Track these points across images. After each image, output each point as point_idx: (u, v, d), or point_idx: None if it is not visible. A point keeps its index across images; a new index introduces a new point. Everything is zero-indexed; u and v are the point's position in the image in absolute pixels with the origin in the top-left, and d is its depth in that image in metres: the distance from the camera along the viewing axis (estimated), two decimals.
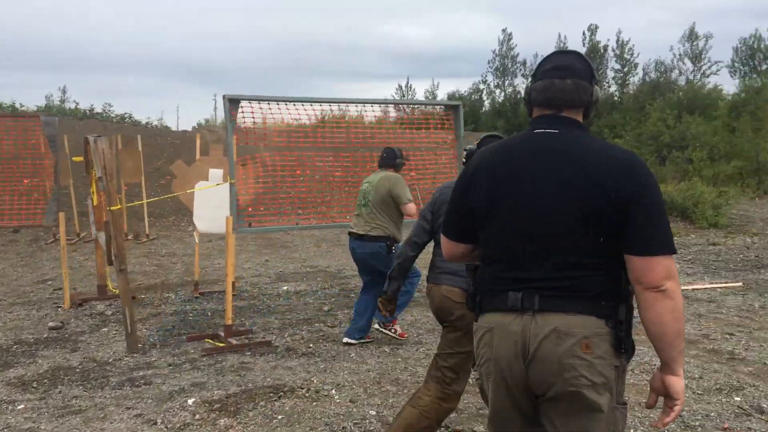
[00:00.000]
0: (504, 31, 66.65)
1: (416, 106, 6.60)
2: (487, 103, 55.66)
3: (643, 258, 1.77)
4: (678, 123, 36.80)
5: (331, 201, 11.92)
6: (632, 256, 1.79)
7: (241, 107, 5.77)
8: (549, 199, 1.85)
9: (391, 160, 5.66)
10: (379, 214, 5.39)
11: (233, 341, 5.55)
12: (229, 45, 74.22)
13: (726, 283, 7.72)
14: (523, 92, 2.14)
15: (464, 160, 3.62)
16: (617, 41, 52.91)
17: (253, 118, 6.48)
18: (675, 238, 9.01)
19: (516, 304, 1.85)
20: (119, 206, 5.20)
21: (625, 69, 53.12)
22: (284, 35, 75.07)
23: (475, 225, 2.01)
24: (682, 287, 7.38)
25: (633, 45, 53.31)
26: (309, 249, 11.17)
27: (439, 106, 6.39)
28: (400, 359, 5.07)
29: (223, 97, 5.54)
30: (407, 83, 67.98)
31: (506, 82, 56.70)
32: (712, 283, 7.70)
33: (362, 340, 5.49)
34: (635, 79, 53.37)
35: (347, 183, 7.54)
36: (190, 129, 23.55)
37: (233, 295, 7.58)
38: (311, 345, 5.51)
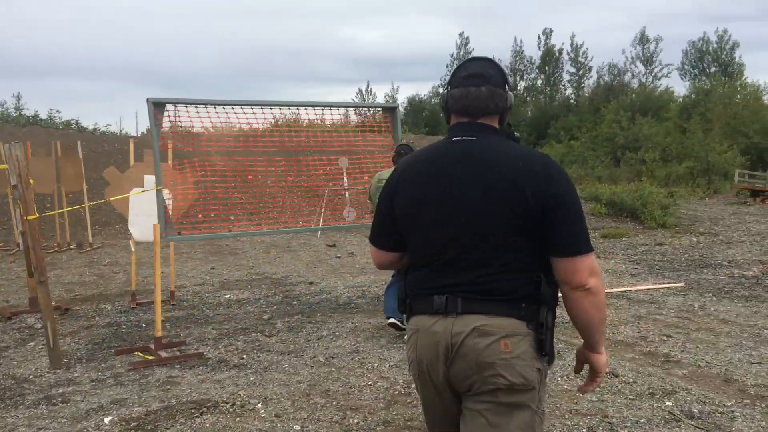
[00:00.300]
0: (461, 35, 67.54)
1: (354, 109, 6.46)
2: None
3: (568, 259, 1.84)
4: (631, 125, 37.62)
5: (284, 206, 11.78)
6: (557, 258, 1.85)
7: (168, 111, 5.56)
8: (470, 205, 1.89)
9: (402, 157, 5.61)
10: None
11: (163, 354, 5.33)
12: (189, 49, 73.24)
13: (669, 283, 7.79)
14: (441, 99, 2.23)
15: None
16: (572, 44, 53.94)
17: (191, 120, 6.28)
18: (623, 239, 9.12)
19: (440, 308, 1.90)
20: (36, 215, 4.94)
21: (580, 72, 54.15)
22: (244, 39, 74.45)
23: (401, 232, 2.04)
24: (626, 288, 7.44)
25: (587, 48, 54.43)
26: (258, 256, 10.95)
27: (378, 110, 6.21)
28: (333, 369, 4.93)
29: (147, 100, 5.32)
30: (367, 87, 67.94)
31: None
32: (655, 284, 7.75)
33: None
34: (590, 82, 54.50)
35: (281, 188, 7.36)
36: (138, 135, 23.00)
37: (171, 305, 7.39)
38: (245, 356, 5.33)
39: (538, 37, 54.60)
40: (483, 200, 1.87)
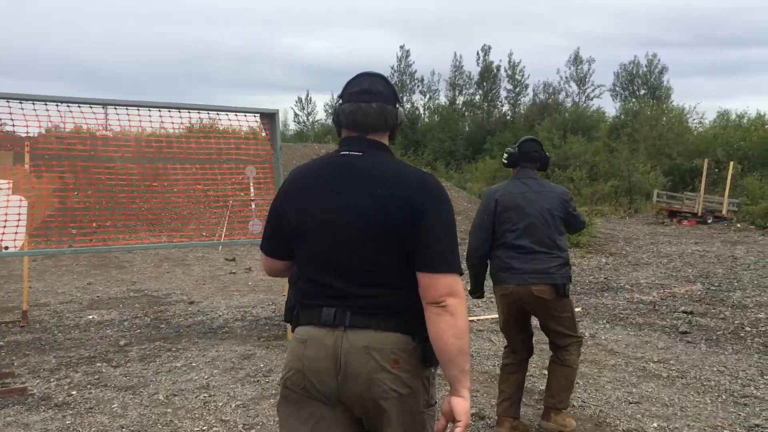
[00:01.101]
0: (402, 47, 67.86)
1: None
2: None
3: (426, 275, 1.85)
4: (563, 143, 38.28)
5: (189, 216, 11.03)
6: (418, 272, 1.87)
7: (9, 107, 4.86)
8: (353, 219, 1.91)
9: None
10: None
11: None
12: (127, 50, 70.81)
13: None
14: (332, 113, 2.20)
15: (505, 161, 3.99)
16: (509, 62, 54.86)
17: (39, 122, 5.58)
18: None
19: (329, 320, 1.91)
20: None
21: (517, 89, 55.05)
22: (185, 42, 72.58)
23: (289, 242, 2.05)
24: None
25: (524, 66, 55.54)
26: (147, 270, 10.18)
27: (254, 115, 5.66)
28: (170, 410, 4.31)
29: None
30: (307, 96, 67.29)
31: (404, 98, 57.41)
32: None
33: None
34: (526, 100, 55.50)
35: (184, 197, 6.69)
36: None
37: (21, 326, 6.59)
38: (74, 392, 4.65)
39: (477, 54, 55.36)
40: (362, 216, 1.90)
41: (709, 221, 19.71)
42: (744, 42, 77.64)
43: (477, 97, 56.54)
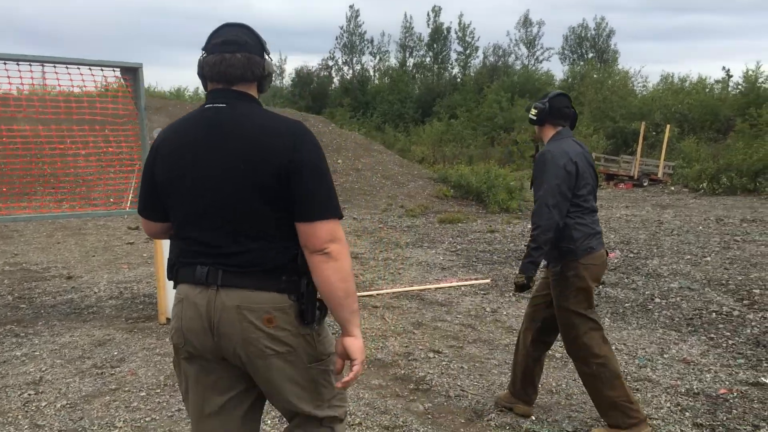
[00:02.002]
0: (351, 7, 66.13)
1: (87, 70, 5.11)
2: (336, 80, 54.78)
3: (306, 224, 1.84)
4: (511, 106, 38.03)
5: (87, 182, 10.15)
6: (298, 222, 1.85)
7: None
8: (221, 174, 1.86)
9: None
10: None
11: None
12: (67, 7, 67.13)
13: (475, 279, 7.05)
14: (198, 66, 2.01)
15: (533, 117, 3.42)
16: (459, 24, 54.10)
17: None
18: (459, 224, 8.18)
19: (201, 279, 1.88)
20: None
21: (467, 51, 54.44)
22: (135, 1, 69.27)
23: (163, 200, 1.99)
24: (422, 287, 6.61)
25: (474, 28, 54.95)
26: (35, 240, 9.35)
27: (113, 69, 4.92)
28: None
29: None
30: None
31: (354, 60, 56.15)
32: (459, 280, 6.99)
33: None
34: (476, 62, 54.97)
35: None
36: None
37: None
38: None
39: (428, 15, 54.44)
40: (230, 170, 1.85)
41: (645, 184, 19.72)
42: (695, 8, 78.47)
43: (427, 59, 55.76)
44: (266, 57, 1.98)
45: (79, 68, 5.02)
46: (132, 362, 4.49)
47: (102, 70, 5.11)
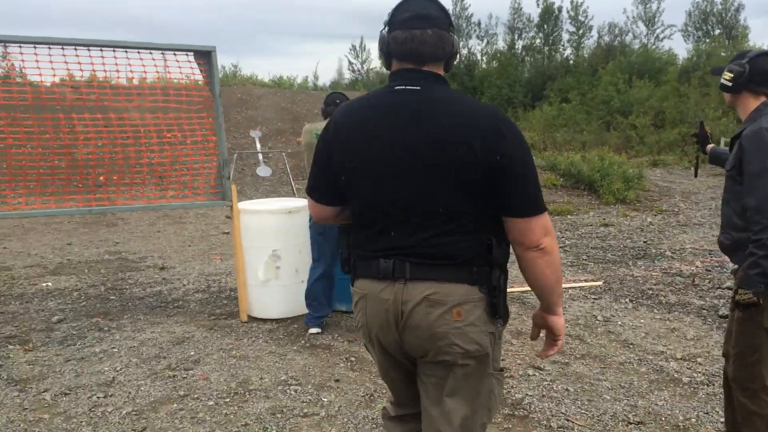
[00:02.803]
0: None
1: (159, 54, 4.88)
2: None
3: (521, 220, 1.77)
4: (628, 88, 35.78)
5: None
6: (511, 218, 1.78)
7: None
8: (412, 162, 1.77)
9: None
10: None
11: None
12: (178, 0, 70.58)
13: (585, 281, 6.33)
14: (379, 42, 1.88)
15: (728, 83, 2.74)
16: (571, 2, 51.51)
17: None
18: (570, 216, 7.45)
19: (387, 273, 1.82)
20: None
21: (580, 31, 51.81)
22: None
23: (341, 186, 1.91)
24: (525, 289, 5.98)
25: (587, 7, 51.86)
26: (138, 228, 9.50)
27: (186, 54, 4.68)
28: (47, 416, 3.53)
29: None
30: (361, 43, 65.78)
31: (460, 44, 55.04)
32: (567, 281, 6.29)
33: None
34: (590, 42, 52.28)
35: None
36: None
37: None
38: None
39: None
40: (426, 157, 1.75)
41: None
42: None
43: (537, 41, 53.65)
44: (452, 33, 1.85)
45: (151, 53, 4.79)
46: (206, 364, 4.23)
47: (175, 54, 4.86)
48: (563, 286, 6.05)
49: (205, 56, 4.85)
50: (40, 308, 5.58)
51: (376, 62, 61.85)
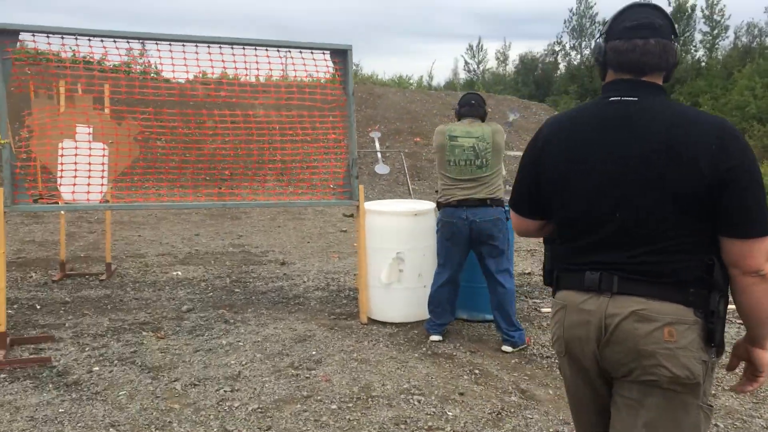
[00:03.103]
0: None
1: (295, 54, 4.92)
2: (562, 66, 52.49)
3: (741, 241, 1.65)
4: (767, 93, 33.22)
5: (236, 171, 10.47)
6: (729, 239, 1.67)
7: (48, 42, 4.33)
8: (631, 175, 1.70)
9: (483, 108, 4.65)
10: (497, 173, 4.48)
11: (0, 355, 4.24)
12: (305, 1, 73.04)
13: None
14: (593, 51, 1.90)
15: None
16: (707, 1, 48.48)
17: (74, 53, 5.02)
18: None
19: (593, 285, 1.77)
20: None
21: (715, 32, 48.74)
22: None
23: (547, 200, 1.90)
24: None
25: (724, 5, 48.79)
26: (259, 223, 9.78)
27: (323, 52, 4.69)
28: (177, 406, 3.61)
29: None
30: (479, 43, 65.21)
31: (583, 44, 53.20)
32: None
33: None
34: (725, 44, 48.96)
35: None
36: None
37: (100, 280, 6.33)
38: (96, 368, 4.13)
39: None
40: (645, 172, 1.68)
41: None
42: None
43: None
44: (675, 41, 1.78)
45: (289, 51, 4.83)
46: (328, 365, 4.19)
47: (312, 52, 4.88)
48: None
49: (341, 55, 4.84)
50: (171, 296, 5.81)
51: (492, 62, 60.94)
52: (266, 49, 4.90)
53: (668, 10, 45.32)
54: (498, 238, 4.39)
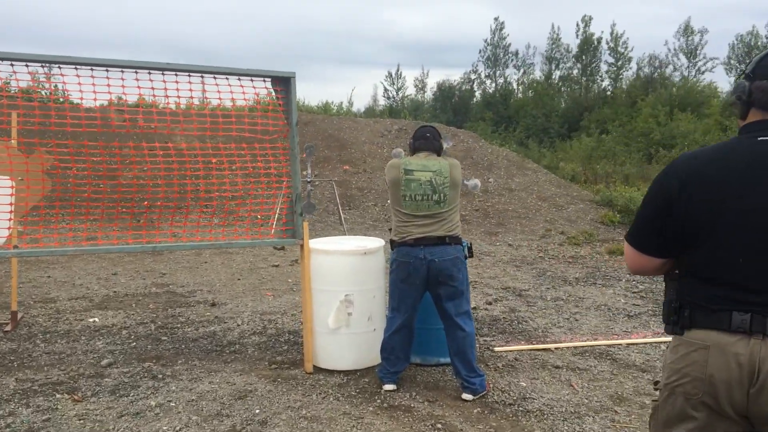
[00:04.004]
0: (496, 19, 64.80)
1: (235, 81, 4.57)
2: (478, 93, 53.79)
3: None
4: (669, 120, 35.11)
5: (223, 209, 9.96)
6: None
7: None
8: None
9: (438, 141, 4.37)
10: (455, 209, 4.23)
11: None
12: (223, 27, 71.92)
13: None
14: (735, 89, 1.82)
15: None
16: (611, 34, 51.27)
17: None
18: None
19: (743, 326, 1.75)
20: None
21: (619, 63, 51.42)
22: (281, 19, 72.85)
23: (680, 240, 1.89)
24: (613, 341, 5.42)
25: (627, 38, 51.66)
26: (184, 258, 9.14)
27: (264, 80, 4.31)
28: None
29: None
30: (397, 70, 66.20)
31: (497, 73, 54.79)
32: (655, 335, 5.72)
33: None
34: (628, 74, 51.77)
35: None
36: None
37: (5, 332, 5.63)
38: None
39: (577, 25, 52.14)
40: None
41: None
42: None
43: (575, 71, 53.39)
44: None
45: (227, 78, 4.44)
46: (275, 426, 3.76)
47: (252, 80, 4.50)
48: (650, 339, 5.52)
49: (283, 83, 4.48)
50: (88, 348, 5.20)
51: (411, 89, 61.75)
52: (201, 76, 4.49)
53: (576, 41, 47.22)
54: (458, 278, 4.12)
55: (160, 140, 5.21)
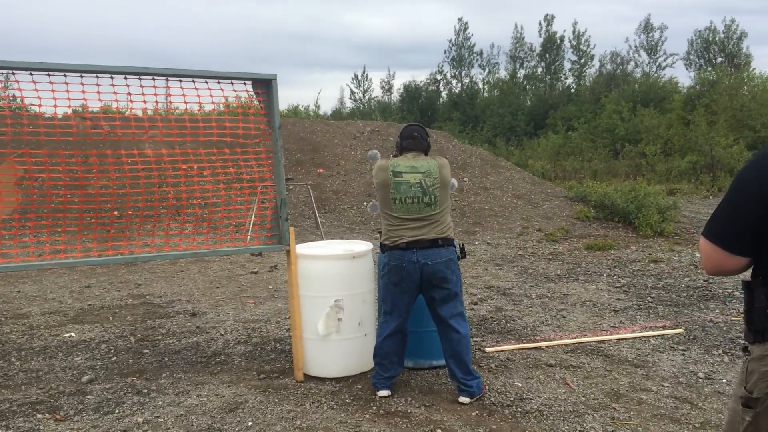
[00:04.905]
0: (460, 20, 65.17)
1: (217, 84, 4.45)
2: (444, 94, 53.96)
3: None
4: (633, 116, 35.69)
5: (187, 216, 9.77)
6: None
7: None
8: None
9: (426, 141, 4.32)
10: (446, 210, 4.13)
11: None
12: (187, 31, 70.94)
13: (663, 328, 5.76)
14: None
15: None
16: (573, 32, 51.93)
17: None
18: (611, 252, 6.73)
19: None
20: None
21: (582, 60, 52.11)
22: (246, 23, 72.14)
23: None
24: (604, 336, 5.41)
25: (590, 36, 52.37)
26: (159, 267, 8.91)
27: (245, 83, 4.18)
28: None
29: None
30: (363, 72, 66.15)
31: (463, 73, 55.08)
32: (644, 328, 5.73)
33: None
34: (591, 71, 52.56)
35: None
36: None
37: None
38: None
39: (540, 24, 52.67)
40: None
41: None
42: None
43: (539, 70, 54.01)
44: None
45: (207, 82, 4.30)
46: None
47: (232, 83, 4.37)
48: (639, 334, 5.53)
49: (264, 85, 4.36)
50: (67, 365, 4.99)
51: (378, 91, 61.68)
52: (180, 80, 4.33)
53: (539, 40, 47.73)
54: (451, 280, 4.04)
55: (138, 147, 5.03)
